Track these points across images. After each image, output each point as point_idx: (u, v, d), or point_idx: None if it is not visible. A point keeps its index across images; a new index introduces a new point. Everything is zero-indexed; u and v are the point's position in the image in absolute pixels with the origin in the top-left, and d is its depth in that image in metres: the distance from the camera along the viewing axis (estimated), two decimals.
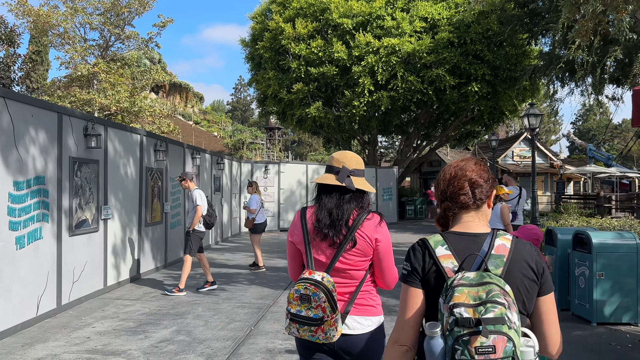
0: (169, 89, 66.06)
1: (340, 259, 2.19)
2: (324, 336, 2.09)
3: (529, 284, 1.54)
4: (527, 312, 1.57)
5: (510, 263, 1.53)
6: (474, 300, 1.38)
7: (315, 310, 2.07)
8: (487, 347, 1.32)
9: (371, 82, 20.02)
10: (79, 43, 23.57)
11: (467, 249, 1.56)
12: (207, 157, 12.69)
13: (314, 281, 2.09)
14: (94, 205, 6.97)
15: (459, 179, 1.68)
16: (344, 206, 2.22)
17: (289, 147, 71.51)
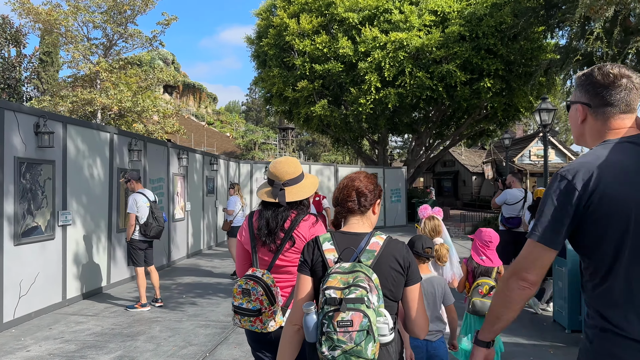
0: (182, 89, 65.98)
1: (280, 257, 2.44)
2: (262, 326, 2.35)
3: (395, 275, 1.87)
4: (396, 298, 1.89)
5: (380, 257, 1.86)
6: (343, 285, 1.71)
7: (254, 302, 2.32)
8: (346, 321, 1.65)
9: (378, 79, 19.19)
10: (81, 42, 23.17)
11: (347, 244, 1.91)
12: (198, 158, 12.01)
13: (255, 277, 2.36)
14: (49, 211, 6.31)
15: (348, 188, 2.03)
16: (280, 215, 2.46)
17: (303, 148, 70.99)
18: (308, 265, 1.93)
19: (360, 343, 1.64)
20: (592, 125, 1.64)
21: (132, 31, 23.79)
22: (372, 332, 1.66)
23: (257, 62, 23.80)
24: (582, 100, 1.65)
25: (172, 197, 10.28)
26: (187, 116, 56.13)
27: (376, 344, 1.68)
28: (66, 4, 23.21)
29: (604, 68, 1.60)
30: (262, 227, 2.46)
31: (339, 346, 1.65)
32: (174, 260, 10.40)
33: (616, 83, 1.58)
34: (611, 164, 1.50)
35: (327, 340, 1.68)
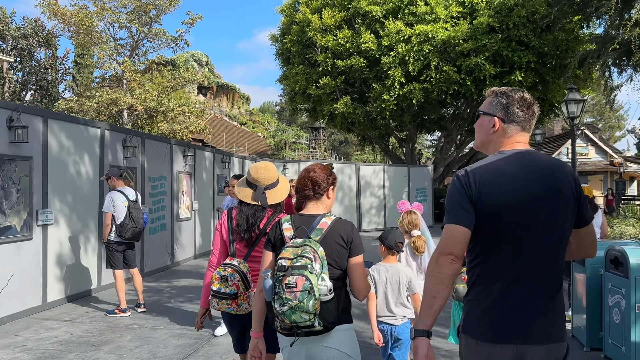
0: (216, 90, 66.55)
1: (256, 249, 2.81)
2: (238, 308, 2.72)
3: (339, 248, 2.30)
4: (340, 267, 2.31)
5: (327, 234, 2.30)
6: (293, 256, 2.17)
7: (231, 287, 2.68)
8: (292, 284, 2.10)
9: (402, 74, 18.47)
10: (107, 43, 23.33)
11: (301, 224, 2.36)
12: (208, 155, 11.66)
13: (232, 265, 2.72)
14: (25, 210, 6.01)
15: (305, 179, 2.46)
16: (258, 214, 2.83)
17: (336, 147, 70.51)
18: (271, 242, 2.38)
19: (303, 300, 2.07)
20: (498, 136, 1.98)
21: (157, 30, 23.78)
22: (314, 292, 2.09)
23: (281, 60, 23.40)
24: (497, 115, 1.99)
25: (176, 196, 9.94)
26: (220, 116, 56.51)
27: (317, 301, 2.10)
28: (93, 4, 23.42)
29: (522, 94, 2.01)
30: (242, 224, 2.83)
31: (287, 303, 2.09)
32: (179, 261, 10.06)
33: (529, 108, 2.00)
34: (496, 168, 1.88)
35: (278, 299, 2.12)
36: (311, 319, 2.10)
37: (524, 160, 1.90)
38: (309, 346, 2.24)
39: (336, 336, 2.24)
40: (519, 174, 1.86)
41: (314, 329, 2.14)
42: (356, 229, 2.36)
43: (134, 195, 6.23)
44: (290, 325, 2.13)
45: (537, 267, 1.83)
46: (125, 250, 6.17)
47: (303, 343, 2.24)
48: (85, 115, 22.96)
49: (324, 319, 2.14)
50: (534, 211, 1.83)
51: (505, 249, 1.84)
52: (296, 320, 2.10)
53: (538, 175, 1.87)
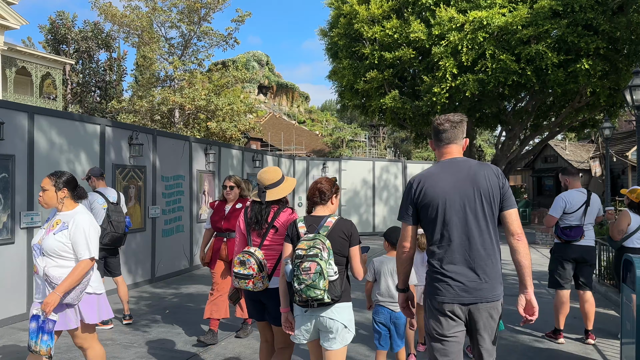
0: (276, 89, 66.92)
1: (267, 239, 3.40)
2: (254, 286, 3.28)
3: (342, 241, 3.00)
4: (343, 255, 3.01)
5: (332, 230, 2.99)
6: (307, 247, 2.86)
7: (248, 270, 3.25)
8: (307, 268, 2.80)
9: (454, 64, 17.15)
10: (158, 42, 23.54)
11: (312, 223, 3.06)
12: (235, 153, 11.11)
13: (249, 252, 3.30)
14: (5, 212, 5.62)
15: (313, 189, 3.19)
16: (264, 210, 3.42)
17: (398, 145, 69.02)
18: (289, 237, 3.10)
19: (316, 280, 2.80)
20: (437, 152, 2.84)
21: (205, 28, 23.73)
22: (324, 274, 2.81)
23: (330, 55, 22.62)
24: (431, 136, 2.87)
25: (195, 196, 9.44)
26: (279, 115, 56.67)
27: (326, 281, 2.82)
28: (144, 5, 23.70)
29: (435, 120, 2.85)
30: (252, 219, 3.41)
31: (303, 282, 2.81)
32: (199, 264, 9.55)
33: (440, 127, 2.80)
34: (432, 173, 2.69)
35: (297, 280, 2.85)
36: (322, 294, 2.78)
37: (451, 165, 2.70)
38: (317, 315, 2.94)
39: (337, 310, 2.94)
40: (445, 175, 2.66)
41: (324, 301, 2.82)
42: (354, 225, 3.11)
43: (115, 196, 5.69)
44: (306, 299, 2.81)
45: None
46: (107, 257, 5.64)
47: (313, 312, 2.94)
48: (137, 115, 23.32)
49: (331, 294, 2.84)
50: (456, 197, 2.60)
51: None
52: (311, 295, 2.78)
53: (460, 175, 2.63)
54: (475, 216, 2.56)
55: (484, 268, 2.55)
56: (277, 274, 3.29)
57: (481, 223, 2.57)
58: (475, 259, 2.54)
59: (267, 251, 3.35)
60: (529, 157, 28.10)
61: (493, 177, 2.64)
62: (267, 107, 58.54)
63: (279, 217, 3.37)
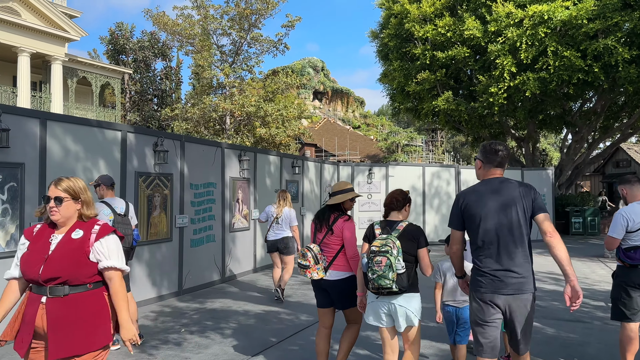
0: (331, 95, 66.66)
1: (326, 238, 4.08)
2: (310, 276, 3.98)
3: (411, 243, 3.54)
4: (413, 254, 3.54)
5: (402, 232, 3.56)
6: (380, 245, 3.45)
7: (306, 261, 3.98)
8: (379, 261, 3.39)
9: (513, 63, 16.04)
10: (209, 50, 23.68)
11: (386, 226, 3.66)
12: (272, 159, 10.66)
13: (309, 247, 4.02)
14: (14, 223, 5.37)
15: (390, 197, 3.79)
16: (325, 215, 4.16)
17: (457, 149, 66.97)
18: (367, 237, 3.71)
19: (385, 272, 3.38)
20: (482, 171, 3.36)
21: (255, 35, 23.65)
22: (393, 267, 3.38)
23: (380, 57, 21.91)
24: (480, 158, 3.36)
25: (228, 205, 9.04)
26: (333, 120, 56.30)
27: (394, 273, 3.39)
28: (196, 13, 23.93)
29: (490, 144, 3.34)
30: (317, 218, 4.22)
31: (376, 272, 3.41)
32: (232, 276, 9.14)
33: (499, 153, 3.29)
34: (478, 190, 3.26)
35: (370, 270, 3.45)
36: (390, 284, 3.39)
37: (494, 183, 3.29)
38: (388, 302, 3.54)
39: (406, 298, 3.53)
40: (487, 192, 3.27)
41: (392, 290, 3.41)
42: (423, 231, 3.68)
43: (123, 207, 5.29)
44: (378, 287, 3.43)
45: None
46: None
47: (383, 299, 3.54)
48: (189, 122, 23.53)
49: (398, 284, 3.42)
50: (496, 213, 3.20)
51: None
52: (381, 283, 3.40)
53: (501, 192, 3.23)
54: (511, 226, 3.14)
55: (518, 266, 3.12)
56: (334, 267, 4.03)
57: (515, 232, 3.14)
58: (512, 259, 3.13)
59: (325, 248, 4.08)
60: (598, 161, 26.07)
61: (527, 193, 3.20)
62: (321, 113, 58.33)
63: (337, 223, 4.07)
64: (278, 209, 7.46)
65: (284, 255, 7.46)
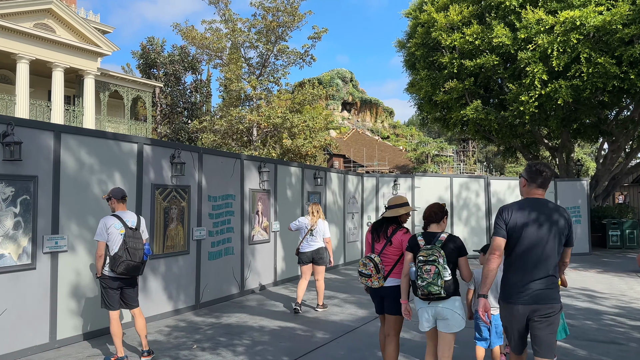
0: (360, 105, 66.51)
1: (385, 249, 4.40)
2: (372, 284, 4.31)
3: (452, 252, 3.89)
4: (454, 263, 3.90)
5: (445, 243, 3.91)
6: (427, 254, 3.78)
7: (368, 270, 4.29)
8: (428, 269, 3.73)
9: (544, 70, 15.55)
10: (236, 63, 23.86)
11: (429, 237, 4.00)
12: (293, 171, 10.53)
13: (370, 257, 4.35)
14: (26, 236, 5.35)
15: (429, 211, 4.15)
16: (383, 227, 4.49)
17: (490, 159, 65.72)
18: (411, 247, 4.07)
19: (435, 279, 3.72)
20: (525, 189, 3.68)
21: (282, 47, 23.73)
22: (440, 275, 3.73)
23: (407, 67, 21.64)
24: (524, 176, 3.68)
25: (247, 217, 8.93)
26: (362, 131, 56.09)
27: (442, 280, 3.74)
28: (224, 27, 24.18)
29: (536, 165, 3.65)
30: (375, 233, 4.54)
31: (425, 280, 3.75)
32: (251, 289, 9.00)
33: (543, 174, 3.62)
34: (521, 207, 3.55)
35: (420, 278, 3.78)
36: (439, 290, 3.73)
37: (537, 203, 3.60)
38: (436, 306, 3.88)
39: (451, 302, 3.88)
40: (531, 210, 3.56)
41: (441, 295, 3.76)
42: (462, 241, 4.05)
43: (134, 221, 5.20)
44: (428, 293, 3.77)
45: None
46: (123, 287, 5.15)
47: (432, 304, 3.89)
48: (216, 134, 23.71)
49: (446, 290, 3.78)
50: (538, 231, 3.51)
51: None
52: (431, 290, 3.74)
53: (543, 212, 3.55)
54: (547, 243, 3.49)
55: (547, 279, 3.47)
56: (393, 275, 4.36)
57: (548, 248, 3.49)
58: (543, 271, 3.47)
59: (384, 258, 4.40)
60: (637, 171, 25.03)
61: (564, 219, 3.57)
62: (350, 124, 58.20)
63: (396, 235, 4.42)
64: (312, 221, 7.58)
65: (316, 266, 7.64)
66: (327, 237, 7.67)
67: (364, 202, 13.73)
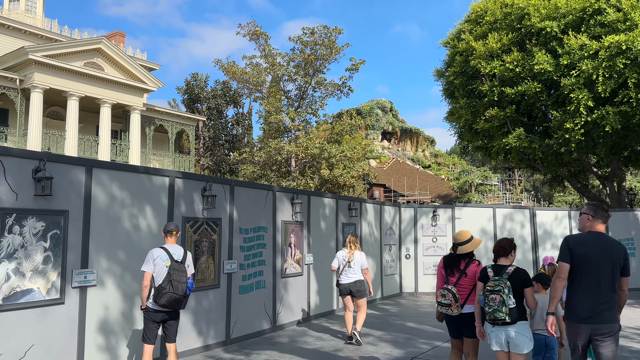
0: (400, 135, 66.20)
1: (460, 280, 4.93)
2: (452, 312, 4.80)
3: (518, 283, 4.36)
4: (519, 293, 4.36)
5: (512, 275, 4.38)
6: (494, 285, 4.36)
7: (447, 300, 4.81)
8: (494, 298, 4.31)
9: (589, 96, 15.02)
10: (275, 96, 24.23)
11: (498, 270, 4.49)
12: (327, 202, 10.39)
13: (447, 288, 4.84)
14: (55, 270, 5.39)
15: (498, 245, 4.64)
16: (457, 260, 5.01)
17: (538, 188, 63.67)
18: (482, 278, 4.58)
19: (499, 307, 4.25)
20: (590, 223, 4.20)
21: (320, 79, 23.98)
22: (505, 303, 4.24)
23: (446, 95, 21.36)
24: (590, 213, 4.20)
25: (280, 249, 8.81)
26: (402, 160, 55.61)
27: (507, 307, 4.24)
28: (264, 61, 24.71)
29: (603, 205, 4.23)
30: (449, 266, 5.04)
31: (492, 307, 4.29)
32: (284, 324, 8.80)
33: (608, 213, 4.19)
34: (585, 239, 4.10)
35: (487, 305, 4.34)
36: (504, 316, 4.26)
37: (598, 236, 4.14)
38: (504, 330, 4.38)
39: (519, 326, 4.36)
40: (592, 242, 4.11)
41: (506, 321, 4.29)
42: (527, 273, 4.55)
43: (181, 254, 5.32)
44: (494, 318, 4.33)
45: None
46: (166, 320, 5.27)
47: (500, 328, 4.39)
48: (255, 165, 23.96)
49: (511, 316, 4.29)
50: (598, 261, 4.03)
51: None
52: (497, 316, 4.29)
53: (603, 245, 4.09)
54: (604, 272, 3.98)
55: (606, 302, 3.98)
56: (469, 303, 4.85)
57: (607, 276, 3.99)
58: (602, 295, 3.97)
59: (459, 288, 4.89)
60: None
61: (621, 251, 4.07)
62: (390, 153, 57.86)
63: (470, 267, 4.94)
64: (349, 253, 7.66)
65: (356, 299, 7.66)
66: (365, 267, 7.72)
67: (402, 234, 13.39)
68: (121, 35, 29.74)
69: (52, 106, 25.09)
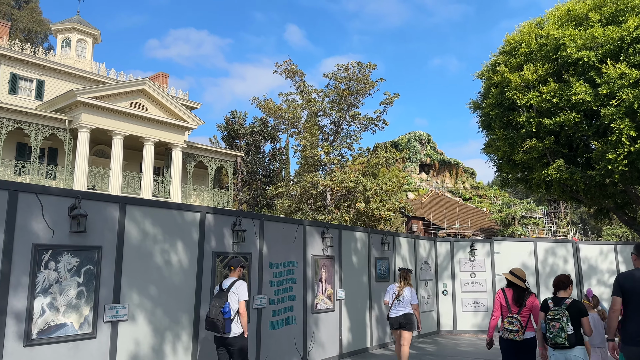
0: (438, 167, 65.52)
1: (522, 310, 5.74)
2: (518, 337, 5.60)
3: (577, 313, 5.25)
4: (578, 321, 5.25)
5: (570, 306, 5.28)
6: (554, 314, 5.27)
7: (515, 327, 5.62)
8: (554, 325, 5.21)
9: (631, 126, 14.53)
10: (310, 131, 24.57)
11: (557, 302, 5.39)
12: (359, 236, 10.34)
13: (514, 317, 5.66)
14: (88, 305, 5.55)
15: (557, 280, 5.59)
16: (521, 294, 5.81)
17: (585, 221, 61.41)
18: (543, 308, 5.42)
19: (559, 333, 5.11)
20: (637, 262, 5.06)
21: (354, 113, 24.22)
22: (563, 330, 5.09)
23: (482, 127, 21.12)
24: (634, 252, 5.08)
25: (310, 284, 8.79)
26: (441, 193, 54.84)
27: (565, 333, 5.08)
28: (299, 98, 25.20)
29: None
30: (515, 299, 5.80)
31: (552, 333, 5.16)
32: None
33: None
34: (634, 275, 4.93)
35: (548, 332, 5.20)
36: (563, 341, 5.05)
37: None
38: (564, 354, 5.16)
39: (577, 350, 5.16)
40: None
41: (564, 345, 5.07)
42: (584, 305, 5.67)
43: (227, 284, 6.07)
44: (554, 343, 5.13)
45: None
46: (219, 347, 6.03)
47: (561, 352, 5.18)
48: (291, 199, 24.15)
49: (569, 341, 5.06)
50: None
51: None
52: (557, 341, 5.09)
53: None
54: None
55: None
56: (529, 329, 5.68)
57: None
58: None
59: (521, 317, 5.68)
60: None
61: None
62: (429, 185, 57.19)
63: (528, 300, 5.79)
64: (399, 288, 8.07)
65: (404, 331, 8.00)
66: (414, 303, 8.14)
67: (439, 269, 13.12)
68: (164, 76, 31.01)
69: (98, 145, 26.20)
